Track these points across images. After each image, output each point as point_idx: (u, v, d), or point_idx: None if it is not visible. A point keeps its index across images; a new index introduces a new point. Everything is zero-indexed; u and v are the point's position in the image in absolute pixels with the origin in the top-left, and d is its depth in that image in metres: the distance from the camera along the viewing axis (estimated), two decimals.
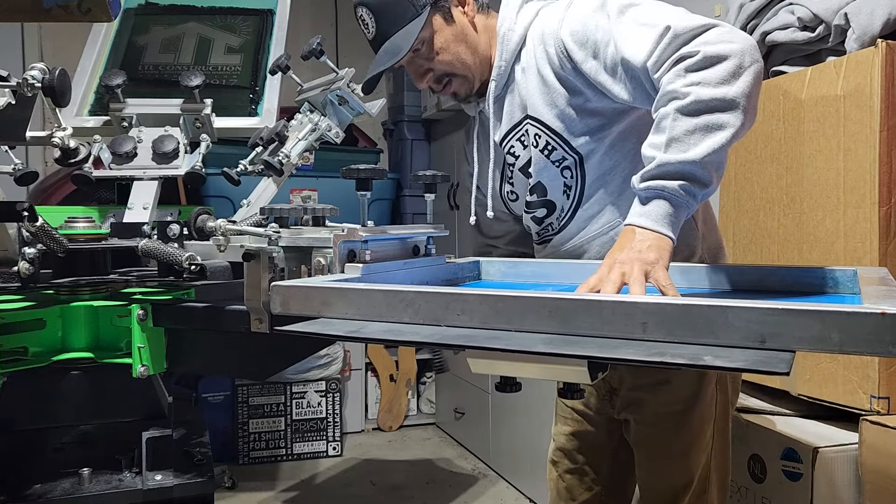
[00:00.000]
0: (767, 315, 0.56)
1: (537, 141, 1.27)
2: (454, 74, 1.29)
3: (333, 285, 0.76)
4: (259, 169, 1.62)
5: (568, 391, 0.75)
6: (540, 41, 1.24)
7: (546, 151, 1.26)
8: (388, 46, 1.24)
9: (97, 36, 1.89)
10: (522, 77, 1.27)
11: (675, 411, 1.27)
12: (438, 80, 1.30)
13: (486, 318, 0.66)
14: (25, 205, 0.97)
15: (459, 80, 1.30)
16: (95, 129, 1.66)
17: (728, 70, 1.00)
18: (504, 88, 1.30)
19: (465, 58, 1.28)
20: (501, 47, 1.28)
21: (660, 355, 0.54)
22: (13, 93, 1.02)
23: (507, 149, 1.33)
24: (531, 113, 1.26)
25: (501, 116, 1.31)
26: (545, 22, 1.25)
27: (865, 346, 0.54)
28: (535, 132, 1.27)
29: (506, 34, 1.28)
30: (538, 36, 1.25)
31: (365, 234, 0.91)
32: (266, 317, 0.92)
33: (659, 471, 1.33)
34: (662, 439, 1.30)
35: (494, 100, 1.30)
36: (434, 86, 1.31)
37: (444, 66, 1.28)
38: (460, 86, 1.31)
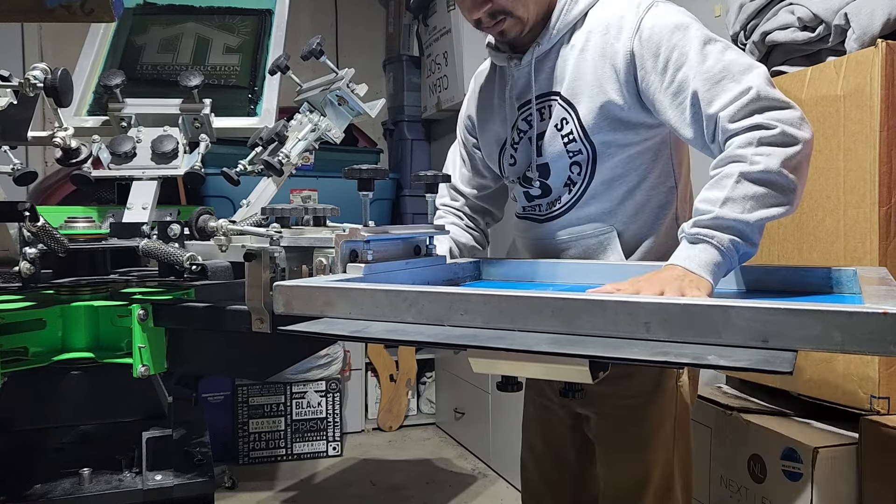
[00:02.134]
0: (769, 315, 0.57)
1: (562, 124, 1.25)
2: (511, 15, 1.24)
3: (336, 285, 0.76)
4: (259, 169, 1.62)
5: (569, 390, 0.75)
6: (604, 30, 1.21)
7: (566, 138, 1.25)
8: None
9: (95, 36, 1.89)
10: (569, 53, 1.25)
11: (634, 404, 1.27)
12: (493, 15, 1.24)
13: (489, 317, 0.66)
14: (27, 205, 0.97)
15: (513, 22, 1.25)
16: (94, 129, 1.66)
17: (797, 156, 1.04)
18: (545, 54, 1.27)
19: (529, 2, 1.23)
20: (559, 14, 1.25)
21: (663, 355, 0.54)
22: (15, 93, 1.02)
23: (525, 115, 1.30)
24: (565, 93, 1.24)
25: (534, 80, 1.28)
26: (614, 12, 1.21)
27: (867, 346, 0.55)
28: (561, 115, 1.25)
29: (567, 4, 1.25)
30: (602, 24, 1.22)
31: (367, 234, 0.91)
32: (267, 316, 0.92)
33: (618, 465, 1.33)
34: (621, 431, 1.31)
35: (536, 63, 1.27)
36: (486, 19, 1.25)
37: (509, 3, 1.22)
38: (512, 27, 1.25)
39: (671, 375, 1.28)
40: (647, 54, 1.15)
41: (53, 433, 1.29)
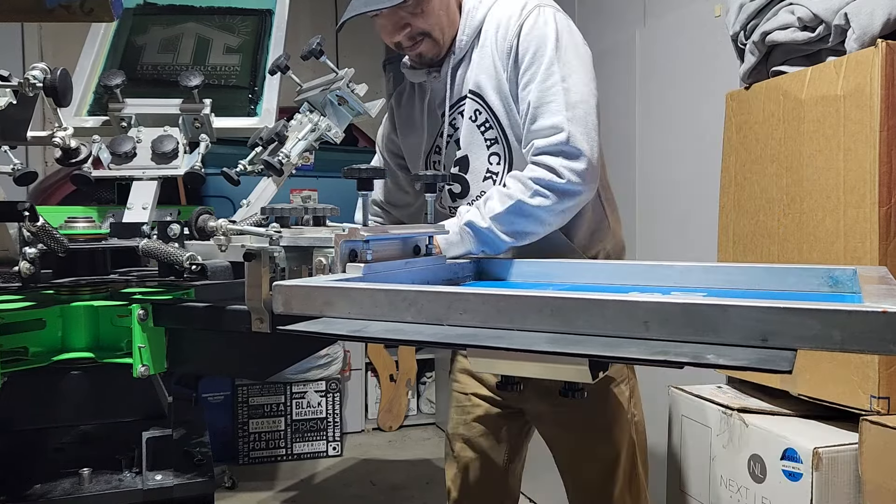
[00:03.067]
0: (769, 313, 0.57)
1: (475, 115, 1.36)
2: (429, 36, 1.35)
3: (336, 285, 0.76)
4: (259, 169, 1.62)
5: (569, 390, 0.75)
6: (496, 28, 1.34)
7: (482, 128, 1.36)
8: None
9: (96, 36, 1.89)
10: (478, 55, 1.35)
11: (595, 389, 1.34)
12: (412, 38, 1.35)
13: (489, 317, 0.66)
14: (27, 205, 0.97)
15: (431, 43, 1.36)
16: (94, 129, 1.66)
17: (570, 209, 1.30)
18: (459, 62, 1.38)
19: (444, 22, 1.35)
20: (465, 23, 1.36)
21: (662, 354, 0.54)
22: (14, 93, 1.02)
23: (451, 120, 1.40)
24: (474, 87, 1.36)
25: (453, 88, 1.38)
26: (509, 10, 1.34)
27: (866, 345, 0.55)
28: (474, 107, 1.36)
29: (470, 11, 1.36)
30: (498, 22, 1.34)
31: (367, 234, 0.91)
32: (267, 316, 0.92)
33: (588, 450, 1.42)
34: (587, 417, 1.41)
35: (452, 71, 1.37)
36: (406, 42, 1.36)
37: (426, 25, 1.34)
38: (430, 48, 1.37)
39: None
40: (521, 54, 1.30)
41: (53, 433, 1.29)
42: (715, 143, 1.91)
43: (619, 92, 2.42)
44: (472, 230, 1.27)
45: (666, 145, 2.21)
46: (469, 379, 1.54)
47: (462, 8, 1.37)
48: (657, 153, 2.26)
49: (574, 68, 1.29)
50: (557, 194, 1.25)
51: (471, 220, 1.27)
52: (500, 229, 1.27)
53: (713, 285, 1.07)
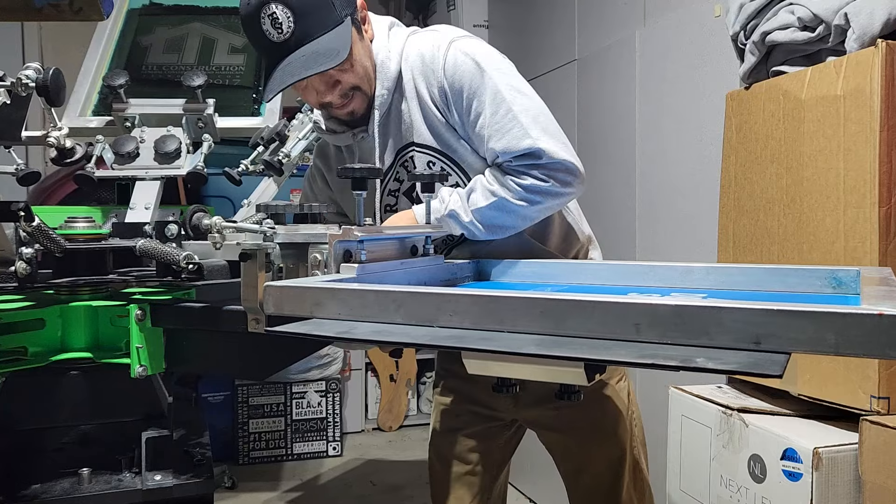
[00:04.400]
0: (761, 316, 0.56)
1: (430, 167, 1.32)
2: (359, 89, 1.29)
3: (325, 285, 0.75)
4: (260, 169, 1.62)
5: (565, 392, 0.75)
6: (420, 72, 1.29)
7: None
8: (318, 49, 1.20)
9: (101, 36, 1.90)
10: (405, 105, 1.30)
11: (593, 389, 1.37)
12: (344, 94, 1.28)
13: (478, 318, 0.65)
14: (21, 204, 0.97)
15: (361, 97, 1.30)
16: (98, 129, 1.66)
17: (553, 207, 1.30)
18: (386, 117, 1.32)
19: (369, 75, 1.29)
20: (382, 75, 1.29)
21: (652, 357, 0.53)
22: (8, 92, 1.02)
23: (395, 175, 1.36)
24: (419, 139, 1.30)
25: (386, 143, 1.33)
26: (423, 54, 1.29)
27: (861, 348, 0.53)
28: (427, 159, 1.31)
29: (383, 62, 1.29)
30: (418, 68, 1.29)
31: (361, 234, 0.90)
32: (263, 317, 0.92)
33: (594, 450, 1.42)
34: (591, 418, 1.40)
35: (381, 128, 1.32)
36: (337, 100, 1.29)
37: (356, 79, 1.27)
38: (360, 103, 1.31)
39: None
40: (453, 95, 1.26)
41: (53, 433, 1.29)
42: (715, 144, 1.91)
43: (619, 92, 2.42)
44: (454, 220, 1.27)
45: (666, 145, 2.21)
46: (458, 390, 1.51)
47: (375, 58, 1.31)
48: (657, 153, 2.25)
49: (514, 87, 1.26)
50: (543, 196, 1.25)
51: (454, 210, 1.26)
52: (481, 222, 1.26)
53: (714, 286, 1.07)
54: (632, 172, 2.36)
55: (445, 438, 1.52)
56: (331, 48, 1.20)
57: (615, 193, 2.44)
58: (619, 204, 2.41)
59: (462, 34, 1.32)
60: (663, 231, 2.23)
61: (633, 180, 2.36)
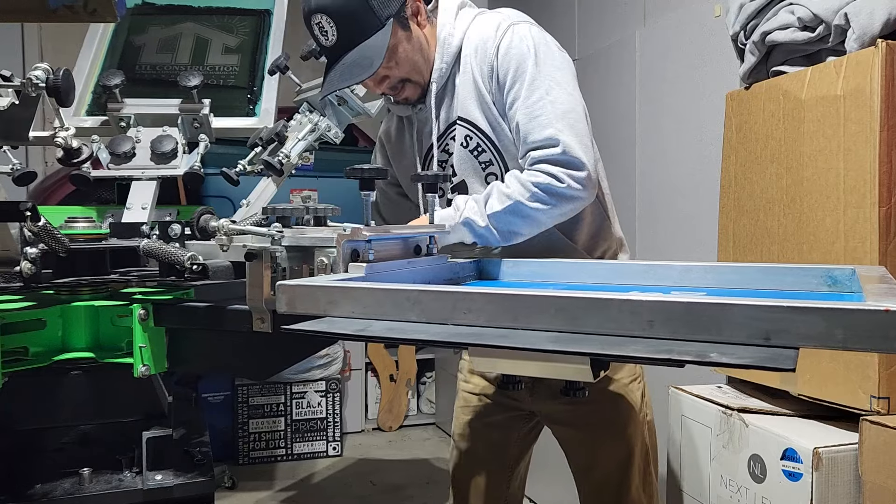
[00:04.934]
0: (771, 312, 0.57)
1: (467, 142, 1.37)
2: (409, 81, 1.37)
3: (339, 284, 0.76)
4: (258, 169, 1.62)
5: (570, 389, 0.75)
6: (474, 52, 1.35)
7: (475, 152, 1.37)
8: (356, 58, 1.28)
9: (94, 36, 1.89)
10: (460, 80, 1.37)
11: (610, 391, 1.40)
12: (394, 87, 1.38)
13: (493, 316, 0.66)
14: (28, 204, 0.97)
15: (413, 86, 1.39)
16: (93, 129, 1.66)
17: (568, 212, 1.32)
18: (443, 90, 1.39)
19: (420, 66, 1.37)
20: (442, 51, 1.36)
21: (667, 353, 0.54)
22: (17, 93, 1.02)
23: (444, 146, 1.41)
24: (462, 114, 1.37)
25: (439, 116, 1.40)
26: (483, 33, 1.35)
27: (869, 343, 0.55)
28: (465, 133, 1.37)
29: (446, 39, 1.36)
30: (475, 45, 1.35)
31: (369, 234, 0.91)
32: (268, 316, 0.92)
33: (603, 449, 1.44)
34: (603, 416, 1.43)
35: (435, 101, 1.39)
36: (389, 91, 1.39)
37: (403, 73, 1.36)
38: (413, 91, 1.39)
39: None
40: (501, 73, 1.32)
41: (54, 433, 1.29)
42: (715, 144, 1.91)
43: (619, 92, 2.43)
44: (469, 227, 1.29)
45: (666, 145, 2.21)
46: (479, 380, 1.54)
47: (438, 36, 1.38)
48: (657, 153, 2.26)
49: (556, 80, 1.30)
50: (557, 198, 1.27)
51: (470, 218, 1.28)
52: (497, 228, 1.28)
53: (712, 285, 1.07)
54: (632, 172, 2.36)
55: (466, 427, 1.54)
56: (366, 58, 1.28)
57: (615, 193, 2.43)
58: (619, 204, 2.40)
59: (525, 19, 1.37)
60: (663, 231, 2.23)
61: (634, 180, 2.36)
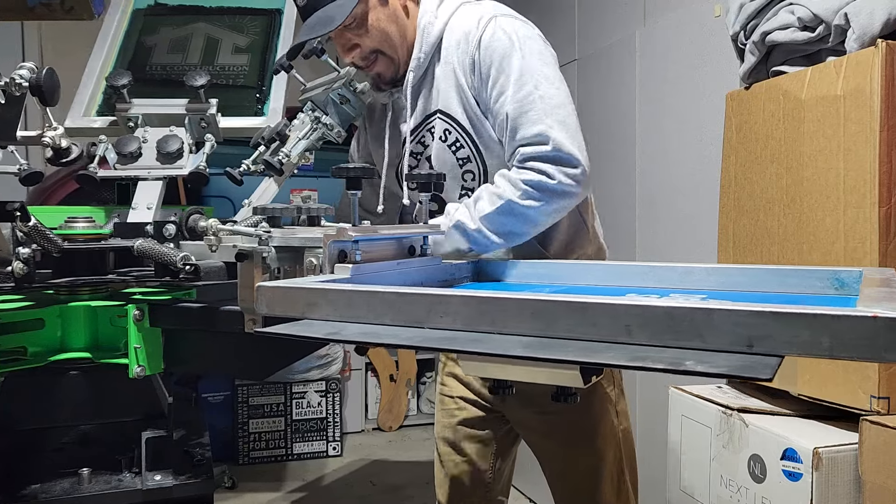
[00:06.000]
0: (754, 318, 0.55)
1: (446, 136, 1.34)
2: (382, 53, 1.34)
3: (316, 286, 0.75)
4: (261, 168, 1.62)
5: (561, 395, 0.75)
6: (457, 44, 1.32)
7: (453, 147, 1.34)
8: (320, 15, 1.27)
9: (106, 36, 1.90)
10: (441, 71, 1.33)
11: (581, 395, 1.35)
12: (365, 57, 1.35)
13: (469, 319, 0.65)
14: (16, 205, 0.96)
15: (386, 61, 1.35)
16: (102, 129, 1.67)
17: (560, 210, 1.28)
18: (421, 80, 1.36)
19: (394, 39, 1.33)
20: (421, 39, 1.33)
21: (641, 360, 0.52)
22: (3, 92, 1.02)
23: (419, 138, 1.39)
24: (442, 107, 1.34)
25: (415, 106, 1.37)
26: (465, 24, 1.31)
27: (856, 351, 0.52)
28: (444, 127, 1.34)
29: (426, 27, 1.33)
30: (457, 37, 1.32)
31: (355, 234, 0.90)
32: (260, 317, 0.92)
33: (572, 456, 1.41)
34: (570, 424, 1.40)
35: (412, 90, 1.36)
36: (360, 62, 1.36)
37: (374, 43, 1.33)
38: (386, 67, 1.36)
39: None
40: (483, 67, 1.28)
41: (52, 433, 1.29)
42: (715, 144, 1.90)
43: (619, 92, 2.42)
44: (461, 231, 1.26)
45: (666, 145, 2.21)
46: (455, 382, 1.53)
47: (418, 23, 1.35)
48: (657, 153, 2.25)
49: (545, 75, 1.27)
50: (549, 195, 1.23)
51: (460, 220, 1.25)
52: (491, 229, 1.25)
53: (715, 287, 1.06)
54: (632, 172, 2.36)
55: (447, 426, 1.54)
56: (329, 16, 1.26)
57: (615, 193, 2.44)
58: (620, 204, 2.41)
59: (508, 12, 1.34)
60: (663, 231, 2.23)
61: (634, 180, 2.36)
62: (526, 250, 1.34)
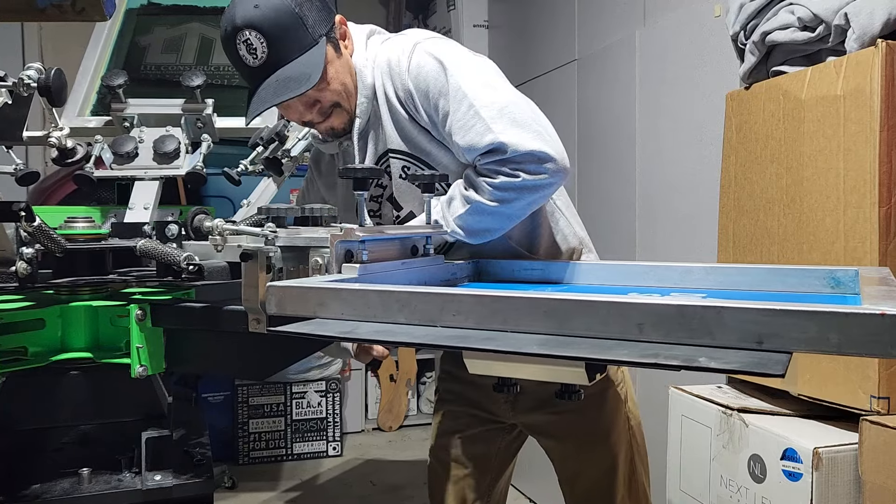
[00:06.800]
0: (764, 315, 0.56)
1: (405, 172, 1.31)
2: (339, 106, 1.30)
3: (328, 286, 0.75)
4: (259, 169, 1.62)
5: (566, 392, 0.75)
6: (388, 78, 1.29)
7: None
8: (291, 73, 1.21)
9: (99, 36, 1.90)
10: (385, 114, 1.31)
11: (592, 393, 1.34)
12: (323, 113, 1.31)
13: (482, 318, 0.65)
14: (22, 204, 0.97)
15: (340, 113, 1.32)
16: (97, 129, 1.66)
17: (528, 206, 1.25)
18: (366, 126, 1.33)
19: (350, 90, 1.30)
20: (361, 83, 1.30)
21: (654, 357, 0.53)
22: (10, 93, 1.02)
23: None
24: (391, 146, 1.31)
25: (365, 150, 1.34)
26: (391, 58, 1.29)
27: (864, 348, 0.54)
28: (401, 164, 1.31)
29: (361, 71, 1.31)
30: (384, 72, 1.30)
31: (362, 234, 0.90)
32: (264, 317, 0.92)
33: (587, 458, 1.41)
34: (584, 425, 1.39)
35: (359, 136, 1.33)
36: (316, 118, 1.31)
37: (334, 96, 1.29)
38: (341, 119, 1.32)
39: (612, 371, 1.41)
40: (420, 95, 1.26)
41: (53, 433, 1.29)
42: (715, 144, 1.91)
43: (619, 92, 2.42)
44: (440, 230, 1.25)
45: (666, 145, 2.21)
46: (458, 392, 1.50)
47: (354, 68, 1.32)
48: (657, 153, 2.25)
49: (478, 84, 1.22)
50: (518, 191, 1.20)
51: (438, 222, 1.24)
52: (465, 228, 1.24)
53: (714, 286, 1.07)
54: (632, 172, 2.36)
55: (445, 441, 1.52)
56: (303, 73, 1.21)
57: (615, 193, 2.44)
58: (619, 204, 2.41)
59: (429, 35, 1.31)
60: (663, 231, 2.23)
61: (633, 180, 2.36)
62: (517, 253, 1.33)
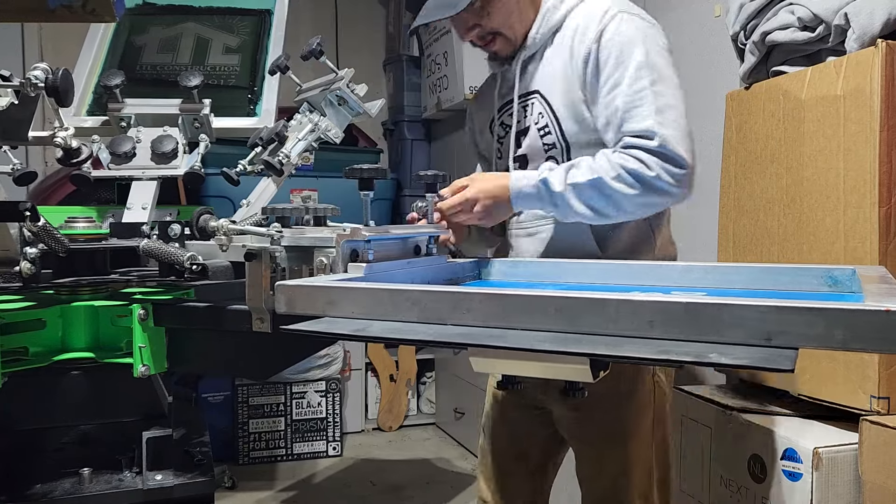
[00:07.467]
0: (772, 313, 0.57)
1: (539, 119, 1.35)
2: (500, 34, 1.36)
3: (339, 284, 0.76)
4: (258, 169, 1.62)
5: (571, 390, 0.75)
6: (574, 33, 1.31)
7: (542, 132, 1.34)
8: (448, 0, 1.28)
9: (95, 36, 1.89)
10: (550, 54, 1.34)
11: (612, 400, 1.32)
12: (482, 37, 1.37)
13: (492, 316, 0.66)
14: (28, 204, 0.97)
15: (503, 41, 1.37)
16: (94, 129, 1.66)
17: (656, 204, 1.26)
18: (530, 58, 1.37)
19: (514, 22, 1.35)
20: (541, 21, 1.35)
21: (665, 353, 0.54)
22: (16, 93, 1.02)
23: (508, 111, 1.41)
24: (542, 90, 1.35)
25: (521, 81, 1.39)
26: (588, 15, 1.31)
27: (869, 344, 0.55)
28: (539, 109, 1.35)
29: (548, 11, 1.35)
30: (577, 26, 1.31)
31: (368, 234, 0.91)
32: (268, 316, 0.92)
33: (600, 463, 1.37)
34: (600, 427, 1.35)
35: (521, 65, 1.38)
36: (477, 41, 1.38)
37: (495, 24, 1.34)
38: (503, 46, 1.38)
39: (648, 370, 1.35)
40: (600, 59, 1.26)
41: (53, 433, 1.29)
42: (715, 144, 1.91)
43: None
44: (544, 189, 1.25)
45: None
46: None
47: (541, 7, 1.35)
48: None
49: (663, 75, 1.24)
50: (643, 186, 1.20)
51: (548, 179, 1.24)
52: (575, 198, 1.23)
53: (712, 285, 1.07)
54: None
55: (493, 418, 1.53)
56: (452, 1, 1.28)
57: None
58: None
59: (637, 11, 1.33)
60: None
61: None
62: (578, 247, 1.32)
